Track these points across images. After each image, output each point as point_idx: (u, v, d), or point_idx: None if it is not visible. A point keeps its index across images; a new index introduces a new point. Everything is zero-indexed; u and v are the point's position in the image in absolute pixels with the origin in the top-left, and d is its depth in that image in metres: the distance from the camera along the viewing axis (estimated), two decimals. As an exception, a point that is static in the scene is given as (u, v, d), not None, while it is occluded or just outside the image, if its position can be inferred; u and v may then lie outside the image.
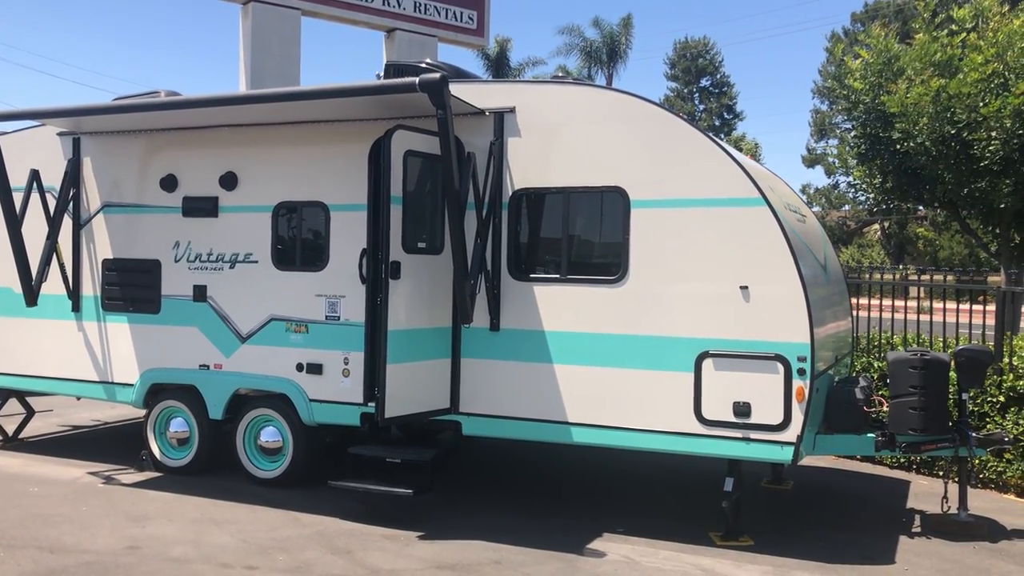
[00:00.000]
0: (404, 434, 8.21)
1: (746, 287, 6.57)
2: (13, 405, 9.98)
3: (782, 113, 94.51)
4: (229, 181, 8.30)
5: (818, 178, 79.63)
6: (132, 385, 8.71)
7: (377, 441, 7.84)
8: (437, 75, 6.53)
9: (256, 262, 8.21)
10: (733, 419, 6.60)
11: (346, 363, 7.76)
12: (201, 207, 8.41)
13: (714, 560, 6.48)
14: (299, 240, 8.14)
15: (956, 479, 7.29)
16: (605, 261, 7.15)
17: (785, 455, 6.50)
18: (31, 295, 8.68)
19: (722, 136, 63.35)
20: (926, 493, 8.35)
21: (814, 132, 55.00)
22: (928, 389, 6.92)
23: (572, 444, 7.15)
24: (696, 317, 6.73)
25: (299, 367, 7.96)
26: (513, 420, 7.31)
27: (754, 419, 6.55)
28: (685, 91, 64.56)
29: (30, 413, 10.14)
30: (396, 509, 7.50)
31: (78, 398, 9.58)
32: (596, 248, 7.32)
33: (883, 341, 9.68)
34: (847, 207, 49.97)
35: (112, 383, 8.86)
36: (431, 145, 7.04)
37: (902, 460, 9.23)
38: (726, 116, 64.04)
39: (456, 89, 7.29)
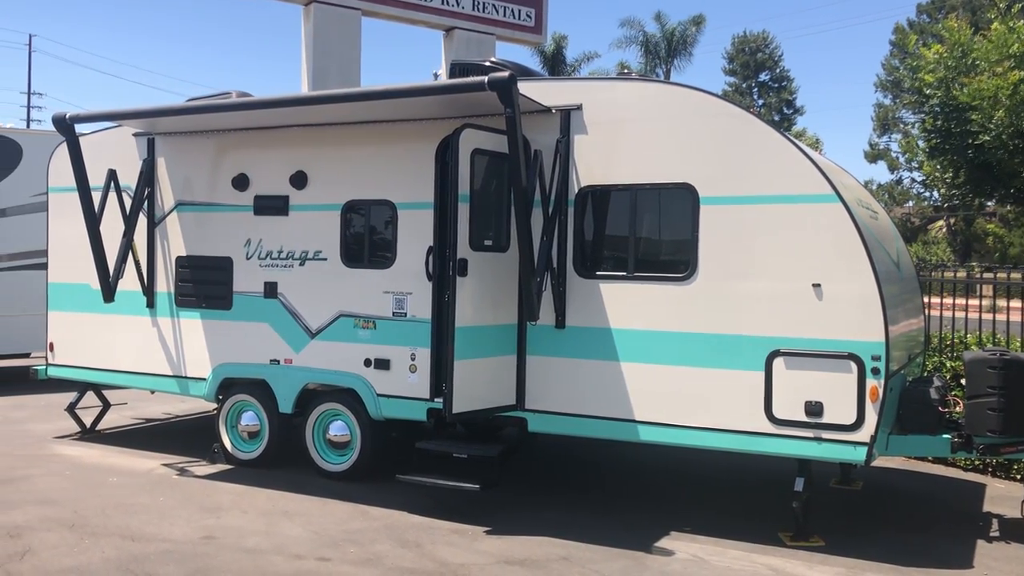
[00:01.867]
0: (467, 430, 8.28)
1: (819, 285, 6.48)
2: (91, 398, 10.29)
3: (843, 108, 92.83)
4: (299, 180, 8.44)
5: (881, 174, 77.99)
6: (204, 379, 8.92)
7: (443, 436, 7.92)
8: (506, 74, 6.56)
9: (325, 259, 8.34)
10: (805, 419, 6.52)
11: (413, 359, 7.85)
12: (272, 205, 8.58)
13: (784, 560, 6.41)
14: (367, 238, 8.25)
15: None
16: (673, 258, 7.11)
17: (858, 455, 6.40)
18: (109, 291, 8.94)
19: (784, 132, 62.40)
20: (1003, 497, 8.15)
21: (877, 127, 53.90)
22: (1008, 390, 6.74)
23: (639, 442, 7.13)
24: (767, 315, 6.66)
25: (367, 362, 8.07)
26: (579, 417, 7.32)
27: (826, 419, 6.46)
28: (743, 86, 63.82)
29: (106, 406, 10.44)
30: (462, 504, 7.56)
31: (152, 392, 9.83)
32: (664, 245, 7.28)
33: (956, 340, 9.46)
34: (911, 203, 48.90)
35: (185, 377, 9.08)
36: (497, 143, 7.08)
37: (976, 462, 9.02)
38: (786, 111, 63.13)
39: (523, 87, 7.31)
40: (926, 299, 9.74)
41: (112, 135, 9.50)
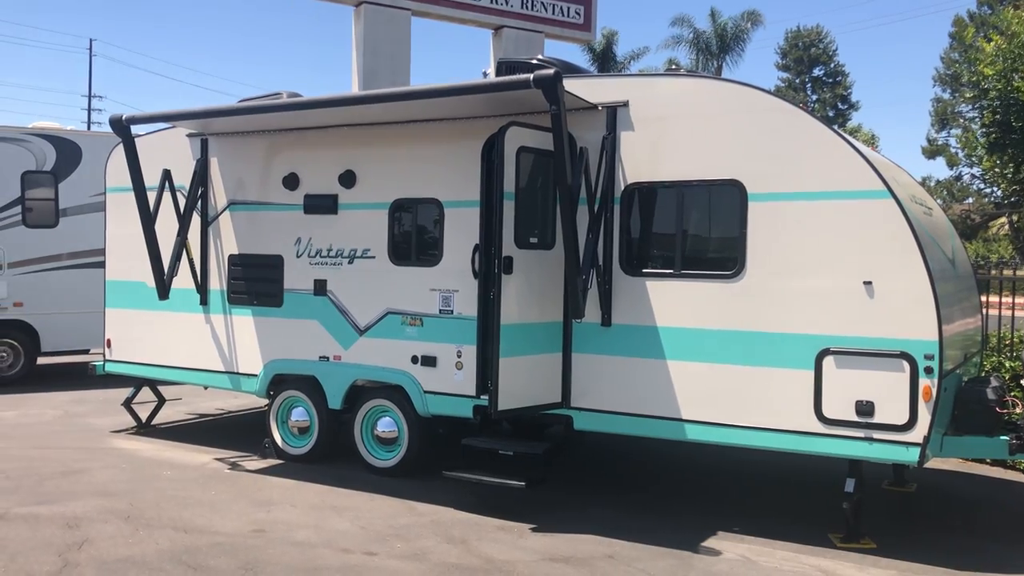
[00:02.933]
0: (513, 428, 8.30)
1: (870, 282, 6.37)
2: (147, 394, 10.52)
3: (901, 103, 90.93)
4: (348, 179, 8.54)
5: (939, 170, 76.19)
6: (256, 375, 9.07)
7: (489, 433, 7.95)
8: (551, 71, 6.55)
9: (373, 257, 8.42)
10: (855, 418, 6.41)
11: (459, 356, 7.89)
12: (322, 204, 8.68)
13: (834, 562, 6.32)
14: (414, 236, 8.31)
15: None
16: (721, 256, 7.04)
17: (911, 456, 6.28)
18: (163, 289, 9.13)
19: (835, 127, 61.42)
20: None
21: (935, 122, 52.66)
22: (1067, 390, 6.57)
23: (686, 441, 7.08)
24: (816, 313, 6.56)
25: (414, 359, 8.14)
26: (625, 416, 7.29)
27: (878, 419, 6.35)
28: (797, 81, 62.84)
29: (161, 401, 10.68)
30: (508, 501, 7.58)
31: (205, 387, 10.02)
32: (711, 242, 7.21)
33: (1016, 340, 9.23)
34: (971, 200, 47.69)
35: (237, 373, 9.24)
36: (543, 141, 7.08)
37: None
38: (840, 106, 62.00)
39: (569, 84, 7.30)
40: (985, 298, 9.53)
41: (167, 136, 9.70)
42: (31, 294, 13.33)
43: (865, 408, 6.37)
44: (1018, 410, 6.87)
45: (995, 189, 14.93)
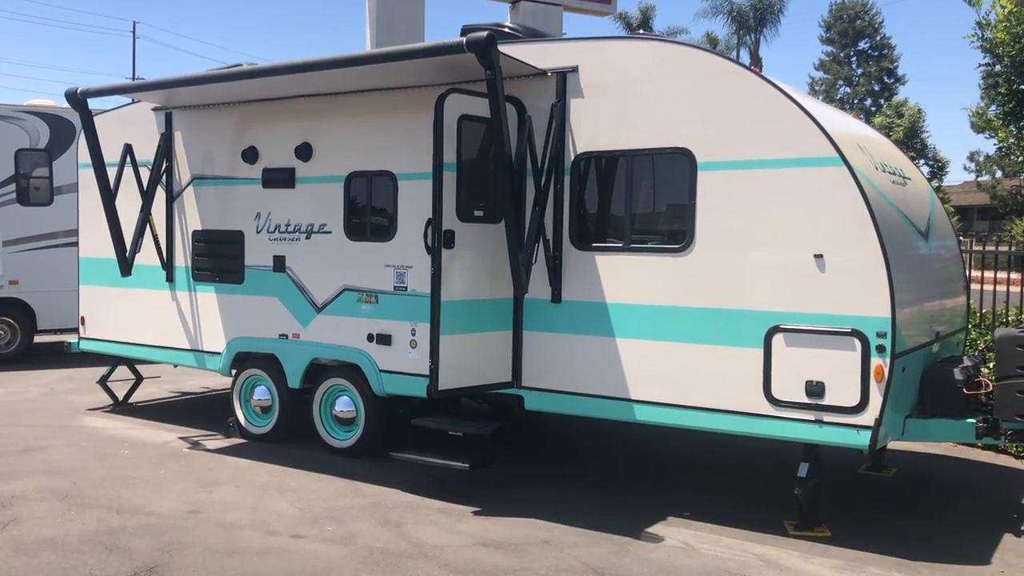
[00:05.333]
0: (493, 409, 8.04)
1: (821, 256, 5.99)
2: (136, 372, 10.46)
3: (950, 77, 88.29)
4: (304, 152, 8.32)
5: (988, 144, 73.87)
6: (219, 353, 8.94)
7: (444, 413, 7.71)
8: (484, 34, 6.24)
9: (330, 232, 8.21)
10: (805, 400, 6.06)
11: (413, 334, 7.66)
12: (279, 178, 8.49)
13: (781, 551, 5.99)
14: (369, 210, 8.07)
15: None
16: (670, 228, 6.70)
17: (861, 440, 5.91)
18: (125, 266, 9.02)
19: (882, 102, 59.65)
20: (1051, 486, 7.48)
21: (984, 94, 51.02)
22: (1039, 370, 6.13)
23: (635, 423, 6.78)
24: (766, 288, 6.20)
25: (370, 337, 7.92)
26: (575, 396, 7.00)
27: (828, 400, 5.98)
28: (841, 55, 61.29)
29: (138, 379, 10.61)
30: (461, 483, 7.35)
31: (175, 366, 9.92)
32: (661, 215, 6.87)
33: (1011, 318, 8.74)
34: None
35: (202, 351, 9.12)
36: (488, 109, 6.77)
37: (1027, 449, 8.32)
38: (886, 80, 60.37)
39: (516, 49, 7.02)
40: (980, 273, 9.06)
41: (133, 110, 9.56)
42: (27, 272, 13.36)
43: (815, 389, 6.01)
44: (988, 391, 6.46)
45: (1016, 160, 14.16)
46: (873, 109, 58.24)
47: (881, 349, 5.81)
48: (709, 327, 6.40)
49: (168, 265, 9.28)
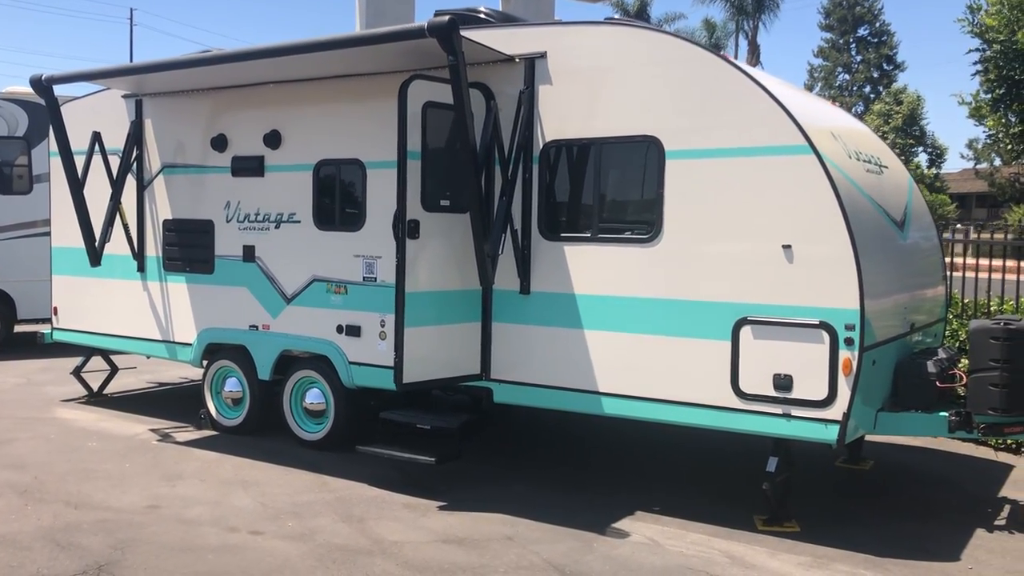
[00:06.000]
0: (470, 398, 7.92)
1: (789, 246, 5.85)
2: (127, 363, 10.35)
3: (951, 64, 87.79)
4: (273, 140, 8.17)
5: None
6: (191, 344, 8.81)
7: (414, 406, 7.59)
8: (446, 18, 6.09)
9: (299, 222, 8.07)
10: (773, 393, 5.93)
11: (383, 325, 7.53)
12: (248, 166, 8.35)
13: (747, 547, 5.87)
14: (338, 199, 7.93)
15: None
16: (638, 219, 6.56)
17: (829, 435, 5.78)
18: (95, 256, 8.89)
19: (881, 88, 59.31)
20: (1027, 480, 7.37)
21: (983, 82, 50.66)
22: (1013, 363, 6.00)
23: (604, 416, 6.66)
24: (734, 279, 6.07)
25: (339, 329, 7.80)
26: (544, 388, 6.89)
27: (796, 394, 5.86)
28: (840, 42, 60.99)
29: (113, 370, 10.48)
30: (429, 477, 7.24)
31: (148, 356, 9.79)
32: (629, 204, 6.73)
33: (993, 307, 8.61)
34: None
35: (173, 342, 9.00)
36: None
37: (1010, 442, 8.21)
38: (885, 67, 60.08)
39: (482, 34, 6.88)
40: (962, 261, 8.92)
41: (104, 98, 9.40)
42: (6, 262, 13.20)
43: (783, 382, 5.88)
44: (962, 383, 6.33)
45: (1003, 148, 14.00)
46: (872, 96, 58.02)
47: (849, 342, 5.68)
48: (677, 319, 6.28)
49: (139, 255, 9.14)
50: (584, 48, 6.69)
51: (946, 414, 6.15)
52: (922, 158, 50.44)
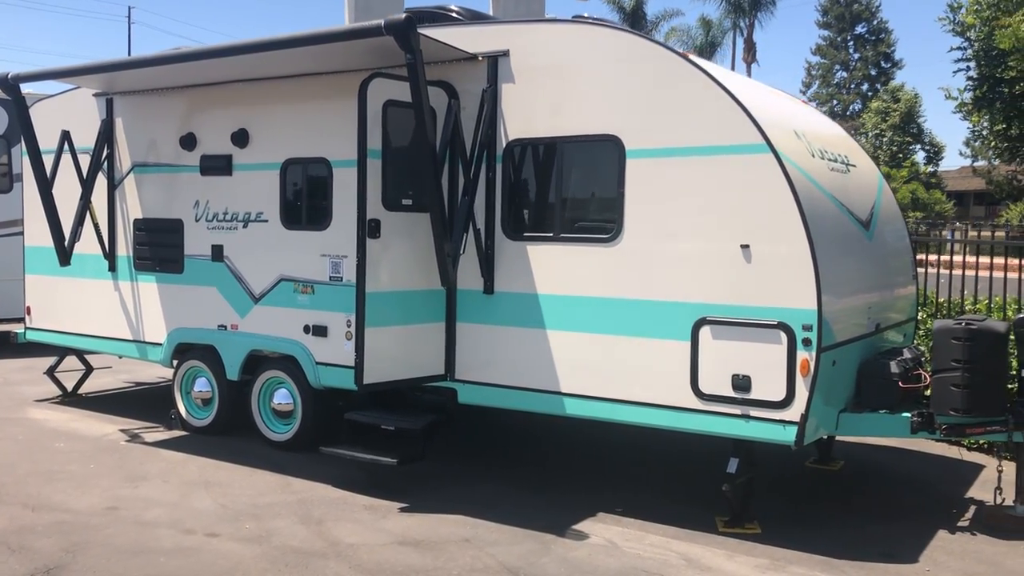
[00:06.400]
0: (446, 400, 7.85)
1: (747, 246, 5.80)
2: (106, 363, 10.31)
3: (949, 62, 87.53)
4: (241, 138, 8.13)
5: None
6: (161, 344, 8.77)
7: (380, 407, 7.54)
8: (403, 16, 6.04)
9: (266, 221, 8.02)
10: (732, 394, 5.89)
11: (349, 325, 7.48)
12: (216, 165, 8.30)
13: (705, 549, 5.83)
14: (305, 198, 7.88)
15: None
16: (600, 218, 6.51)
17: (787, 436, 5.73)
18: (64, 255, 8.86)
19: (879, 86, 59.21)
20: (1005, 480, 7.28)
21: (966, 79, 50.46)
22: (974, 364, 5.95)
23: (567, 417, 6.61)
24: (694, 279, 6.02)
25: (306, 329, 7.75)
26: (508, 389, 6.84)
27: (754, 394, 5.81)
28: (838, 39, 60.97)
29: (88, 370, 10.43)
30: (394, 478, 7.20)
31: (120, 356, 9.75)
32: (591, 204, 6.68)
33: (968, 306, 8.55)
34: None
35: (144, 342, 8.96)
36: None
37: (983, 442, 8.15)
38: (883, 64, 60.03)
39: (444, 32, 6.84)
40: (936, 258, 8.86)
41: (75, 96, 9.35)
42: (-13, 261, 13.17)
43: (742, 383, 5.84)
44: (926, 383, 6.28)
45: (987, 146, 13.94)
46: (870, 94, 57.92)
47: (807, 342, 5.63)
48: (638, 319, 6.23)
49: (110, 254, 9.10)
50: (546, 46, 6.64)
51: (909, 415, 6.10)
52: (920, 156, 50.39)
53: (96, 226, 9.02)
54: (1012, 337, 6.28)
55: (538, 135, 6.66)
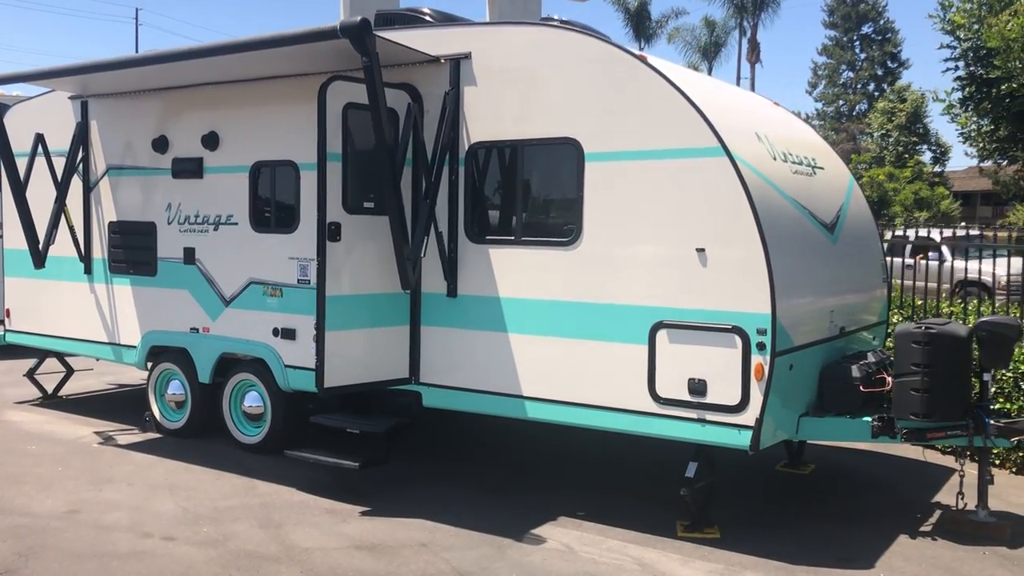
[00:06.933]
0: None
1: (703, 250, 5.77)
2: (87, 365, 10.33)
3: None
4: (211, 141, 8.13)
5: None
6: (135, 347, 8.78)
7: (343, 410, 7.52)
8: (358, 19, 6.02)
9: (236, 224, 8.02)
10: (688, 398, 5.85)
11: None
12: (188, 168, 8.30)
13: (662, 554, 5.79)
14: (274, 201, 7.88)
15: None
16: (559, 221, 6.49)
17: (742, 440, 5.70)
18: (38, 258, 8.88)
19: (885, 86, 58.91)
20: (967, 484, 7.22)
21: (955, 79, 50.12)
22: (934, 368, 5.90)
23: (528, 420, 6.59)
24: (651, 283, 5.99)
25: (275, 332, 7.74)
26: (471, 392, 6.82)
27: (710, 398, 5.78)
28: (844, 39, 60.69)
29: (69, 372, 10.46)
30: (359, 481, 7.19)
31: (97, 359, 9.76)
32: (551, 207, 6.66)
33: (945, 309, 8.49)
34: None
35: (119, 344, 8.97)
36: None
37: (947, 447, 8.07)
38: (889, 64, 59.74)
39: (404, 35, 6.84)
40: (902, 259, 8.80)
41: (51, 99, 9.37)
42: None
43: (698, 387, 5.81)
44: (888, 387, 6.23)
45: (972, 148, 13.85)
46: (876, 94, 57.67)
47: (762, 346, 5.60)
48: (597, 322, 6.20)
49: (86, 257, 9.11)
50: (507, 49, 6.62)
51: (870, 419, 6.06)
52: (926, 156, 50.14)
53: (71, 229, 9.04)
54: (975, 341, 6.22)
55: (500, 138, 6.64)
